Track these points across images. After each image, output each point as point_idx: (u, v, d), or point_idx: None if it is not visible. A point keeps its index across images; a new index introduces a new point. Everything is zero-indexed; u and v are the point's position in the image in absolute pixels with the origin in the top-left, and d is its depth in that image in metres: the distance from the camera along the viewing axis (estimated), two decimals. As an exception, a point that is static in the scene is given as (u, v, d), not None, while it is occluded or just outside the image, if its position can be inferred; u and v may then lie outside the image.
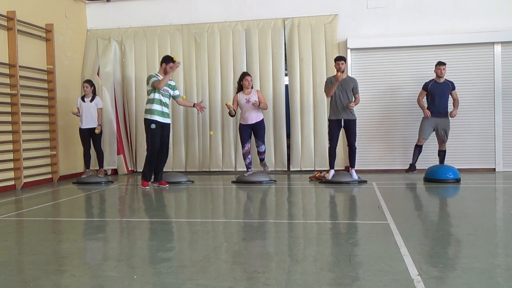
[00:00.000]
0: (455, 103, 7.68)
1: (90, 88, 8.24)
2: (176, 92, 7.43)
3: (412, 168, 7.80)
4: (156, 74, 7.10)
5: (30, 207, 5.78)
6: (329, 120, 7.53)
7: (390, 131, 8.81)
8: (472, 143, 8.56)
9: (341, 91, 7.29)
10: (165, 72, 6.97)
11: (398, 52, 8.74)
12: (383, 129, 8.82)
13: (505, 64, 8.42)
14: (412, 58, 8.67)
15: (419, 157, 7.81)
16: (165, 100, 7.12)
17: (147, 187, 7.11)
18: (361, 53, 8.83)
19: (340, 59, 7.27)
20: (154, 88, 6.95)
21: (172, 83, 7.38)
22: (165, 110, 7.11)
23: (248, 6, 9.12)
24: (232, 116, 7.88)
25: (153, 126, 6.92)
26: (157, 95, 6.98)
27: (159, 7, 9.44)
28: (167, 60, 7.05)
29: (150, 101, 7.02)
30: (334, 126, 7.40)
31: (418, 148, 7.77)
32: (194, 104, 7.60)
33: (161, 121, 7.03)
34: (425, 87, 7.66)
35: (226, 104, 7.81)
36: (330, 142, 7.52)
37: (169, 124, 7.32)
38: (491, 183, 7.30)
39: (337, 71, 7.15)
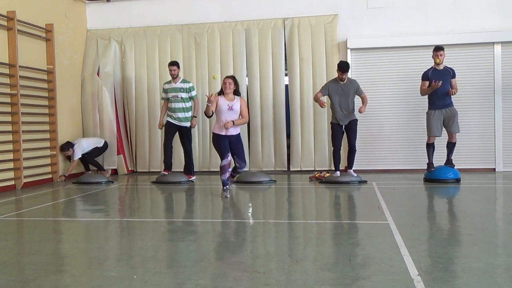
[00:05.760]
0: (453, 91, 7.11)
1: None
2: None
3: (430, 167, 7.29)
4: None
5: (30, 207, 5.78)
6: (331, 123, 7.53)
7: (389, 131, 8.80)
8: (472, 143, 8.54)
9: (341, 96, 7.29)
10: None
11: (398, 52, 8.74)
12: (383, 129, 8.81)
13: (505, 64, 8.42)
14: (412, 58, 8.66)
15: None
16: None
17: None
18: (361, 53, 8.83)
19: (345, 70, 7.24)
20: None
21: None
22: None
23: (248, 6, 9.11)
24: (208, 116, 6.26)
25: None
26: None
27: (159, 7, 9.43)
28: None
29: None
30: (336, 129, 7.44)
31: (430, 147, 7.31)
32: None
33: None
34: (426, 77, 7.20)
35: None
36: (334, 146, 7.52)
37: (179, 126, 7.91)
38: (491, 183, 7.29)
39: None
